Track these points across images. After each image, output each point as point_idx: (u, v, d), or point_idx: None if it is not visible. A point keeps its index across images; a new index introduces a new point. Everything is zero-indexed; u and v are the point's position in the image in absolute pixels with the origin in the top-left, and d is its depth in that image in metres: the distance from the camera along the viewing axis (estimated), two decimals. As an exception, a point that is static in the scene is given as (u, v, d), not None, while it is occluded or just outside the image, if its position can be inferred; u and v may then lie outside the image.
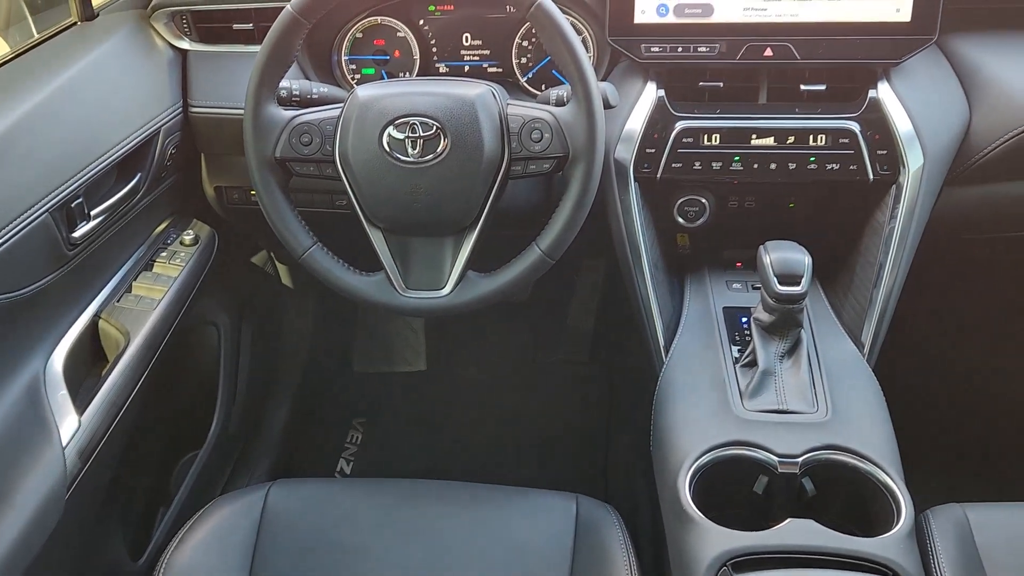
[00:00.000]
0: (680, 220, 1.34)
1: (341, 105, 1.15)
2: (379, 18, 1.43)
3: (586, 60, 1.08)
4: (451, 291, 1.16)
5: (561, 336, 2.19)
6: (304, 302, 2.01)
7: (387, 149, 1.11)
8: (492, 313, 2.15)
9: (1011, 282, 1.86)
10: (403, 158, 1.11)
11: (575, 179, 1.11)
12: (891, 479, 1.01)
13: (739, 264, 1.39)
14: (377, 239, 1.17)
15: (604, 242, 1.36)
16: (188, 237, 1.43)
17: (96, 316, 1.25)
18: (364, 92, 1.13)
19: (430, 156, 1.10)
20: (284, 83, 1.19)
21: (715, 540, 0.95)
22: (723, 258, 1.40)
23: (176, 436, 1.57)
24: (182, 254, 1.39)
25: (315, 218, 1.27)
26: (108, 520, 1.30)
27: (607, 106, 1.18)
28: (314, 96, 1.22)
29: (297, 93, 1.21)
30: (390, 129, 1.10)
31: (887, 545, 0.94)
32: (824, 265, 1.38)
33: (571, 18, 1.37)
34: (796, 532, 0.95)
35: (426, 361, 2.17)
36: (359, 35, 1.44)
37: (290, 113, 1.15)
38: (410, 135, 1.10)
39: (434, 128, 1.10)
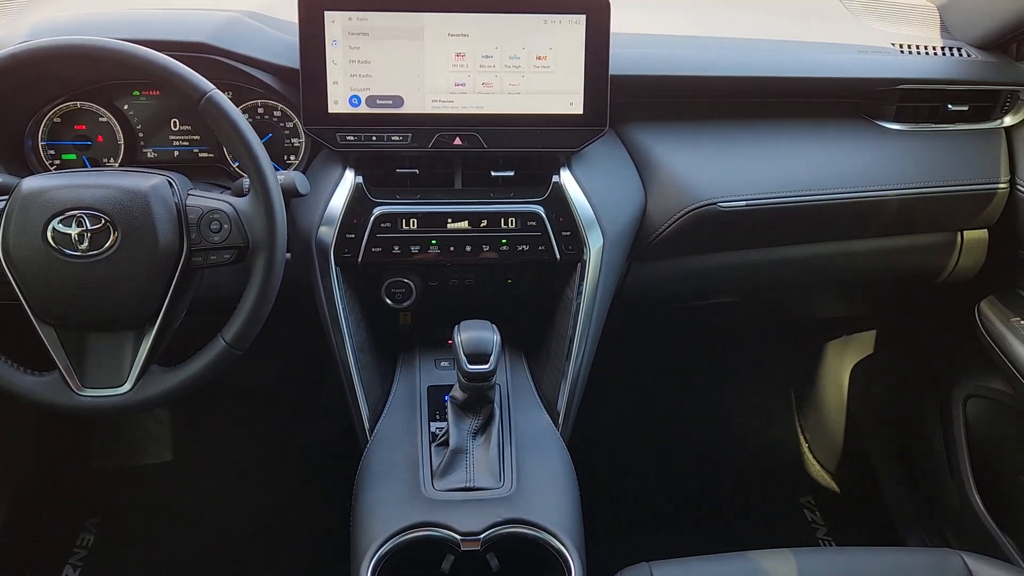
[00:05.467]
0: (388, 301, 1.37)
1: (5, 198, 1.09)
2: (78, 103, 1.38)
3: (260, 151, 1.09)
4: (132, 387, 1.12)
5: (318, 415, 2.15)
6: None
7: (52, 244, 1.06)
8: (244, 396, 2.11)
9: (704, 347, 2.04)
10: (70, 253, 1.06)
11: (257, 269, 1.11)
12: (564, 547, 1.06)
13: (450, 342, 1.43)
14: (49, 336, 1.11)
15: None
16: None
17: None
18: (29, 184, 1.09)
19: (98, 251, 1.06)
20: None
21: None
22: (436, 336, 1.44)
23: None
24: None
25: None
26: None
27: (296, 194, 1.20)
28: None
29: None
30: (55, 223, 1.06)
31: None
32: (534, 338, 1.45)
33: (282, 105, 1.38)
34: (465, 611, 0.97)
35: (172, 451, 2.07)
36: (57, 120, 1.38)
37: None
38: (77, 229, 1.06)
39: (103, 221, 1.06)
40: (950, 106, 1.45)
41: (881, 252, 1.53)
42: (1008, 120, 1.49)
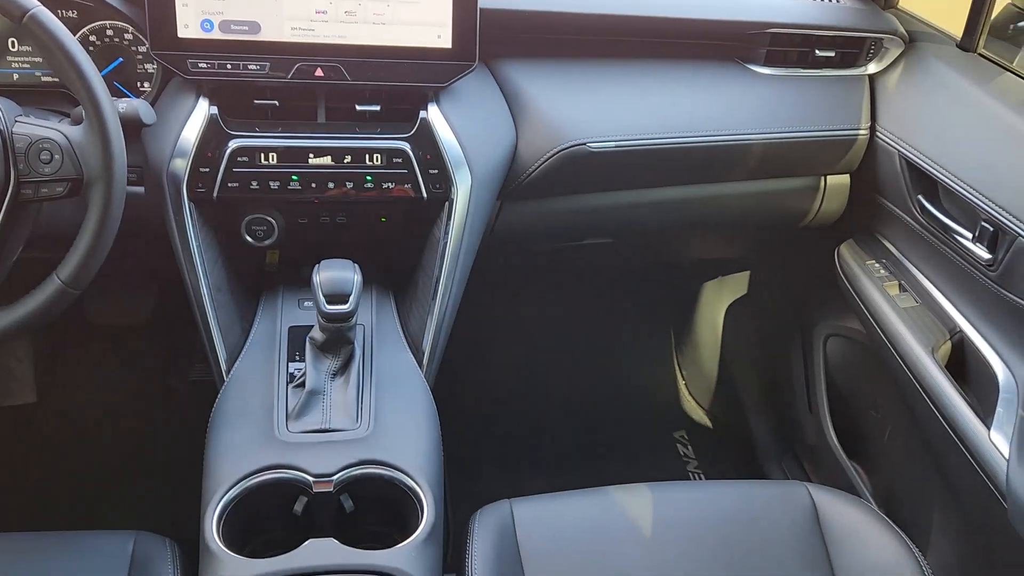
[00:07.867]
0: (249, 239, 1.32)
1: None
2: None
3: (93, 75, 1.02)
4: (-43, 329, 1.05)
5: (195, 355, 2.09)
6: None
7: None
8: (116, 334, 2.02)
9: (584, 287, 2.05)
10: None
11: (93, 204, 1.04)
12: (419, 486, 1.05)
13: (315, 281, 1.39)
14: None
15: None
16: None
17: None
18: None
19: None
20: None
21: (231, 570, 0.94)
22: (302, 275, 1.40)
23: None
24: None
25: None
26: None
27: (141, 124, 1.13)
28: None
29: None
30: None
31: (397, 555, 0.97)
32: (403, 278, 1.43)
33: (133, 28, 1.29)
34: (311, 553, 0.96)
35: (36, 392, 1.97)
36: None
37: None
38: None
39: (-84, 150, 0.98)
40: (817, 52, 1.48)
41: (748, 196, 1.56)
42: (872, 67, 1.53)
